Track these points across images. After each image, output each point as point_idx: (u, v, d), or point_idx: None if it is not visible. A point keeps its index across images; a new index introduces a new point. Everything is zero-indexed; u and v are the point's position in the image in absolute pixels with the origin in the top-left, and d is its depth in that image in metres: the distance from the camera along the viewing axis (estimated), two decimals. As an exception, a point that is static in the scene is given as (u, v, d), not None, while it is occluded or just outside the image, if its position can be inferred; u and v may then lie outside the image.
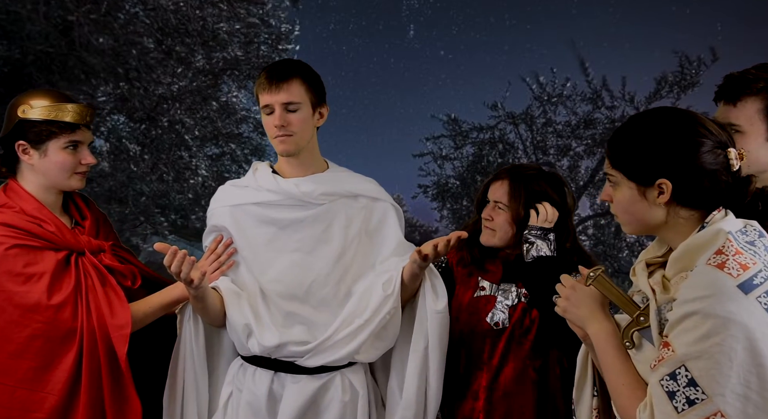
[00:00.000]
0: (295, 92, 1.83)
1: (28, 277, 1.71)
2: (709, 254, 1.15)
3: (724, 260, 1.13)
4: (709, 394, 1.07)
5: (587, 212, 9.21)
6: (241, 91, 9.07)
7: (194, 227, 9.60)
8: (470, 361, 1.94)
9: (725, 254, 1.13)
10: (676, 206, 1.24)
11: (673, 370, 1.10)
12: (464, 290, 2.00)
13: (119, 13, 6.86)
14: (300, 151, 1.91)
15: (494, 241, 1.97)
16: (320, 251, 1.90)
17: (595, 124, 8.83)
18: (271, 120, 1.84)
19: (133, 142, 8.20)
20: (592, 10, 4.64)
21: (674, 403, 1.09)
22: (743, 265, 1.12)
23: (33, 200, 1.83)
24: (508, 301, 1.94)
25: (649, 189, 1.24)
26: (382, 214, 1.98)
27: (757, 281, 1.11)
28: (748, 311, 1.08)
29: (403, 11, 4.67)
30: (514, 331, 1.91)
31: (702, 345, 1.08)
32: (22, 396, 1.68)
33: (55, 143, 1.81)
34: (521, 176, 1.97)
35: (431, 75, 4.17)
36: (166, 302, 1.89)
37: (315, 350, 1.83)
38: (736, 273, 1.11)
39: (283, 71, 1.84)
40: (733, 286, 1.10)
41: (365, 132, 4.06)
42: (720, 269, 1.12)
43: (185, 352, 1.91)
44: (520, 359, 1.90)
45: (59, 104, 1.81)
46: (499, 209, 1.96)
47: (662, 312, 1.20)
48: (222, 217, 1.94)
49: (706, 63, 8.32)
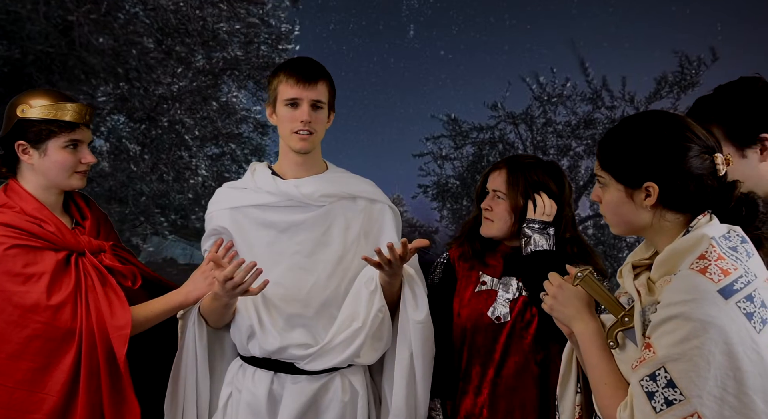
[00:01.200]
0: (322, 92, 1.92)
1: (28, 277, 1.71)
2: (692, 258, 1.20)
3: (706, 265, 1.18)
4: (687, 395, 1.12)
5: (587, 212, 9.19)
6: (241, 91, 9.04)
7: (194, 227, 9.59)
8: (472, 356, 1.95)
9: (708, 259, 1.18)
10: (662, 210, 1.29)
11: (653, 371, 1.16)
12: (466, 285, 2.02)
13: (119, 13, 6.84)
14: (311, 151, 1.91)
15: (494, 231, 1.97)
16: (320, 254, 1.91)
17: (595, 124, 8.80)
18: (296, 115, 1.88)
19: (133, 142, 8.18)
20: (592, 10, 4.62)
21: (653, 403, 1.15)
22: (724, 270, 1.17)
23: (33, 200, 1.82)
24: (509, 295, 1.95)
25: (637, 192, 1.29)
26: (380, 216, 1.98)
27: (737, 287, 1.16)
28: (727, 316, 1.13)
29: (403, 11, 4.65)
30: (515, 325, 1.92)
31: (681, 348, 1.13)
32: (21, 396, 1.68)
33: (54, 143, 1.81)
34: (519, 165, 1.99)
35: (431, 75, 4.17)
36: (167, 308, 1.90)
37: (314, 355, 1.83)
38: (717, 278, 1.16)
39: (315, 70, 1.92)
40: (714, 291, 1.15)
41: (365, 132, 4.07)
42: (702, 273, 1.16)
43: (188, 355, 1.91)
44: (522, 353, 1.91)
45: (58, 103, 1.81)
46: (498, 199, 1.96)
47: (646, 314, 1.25)
48: (222, 219, 1.94)
49: (706, 63, 8.29)
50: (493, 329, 1.94)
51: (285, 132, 1.89)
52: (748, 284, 1.16)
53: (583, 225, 10.43)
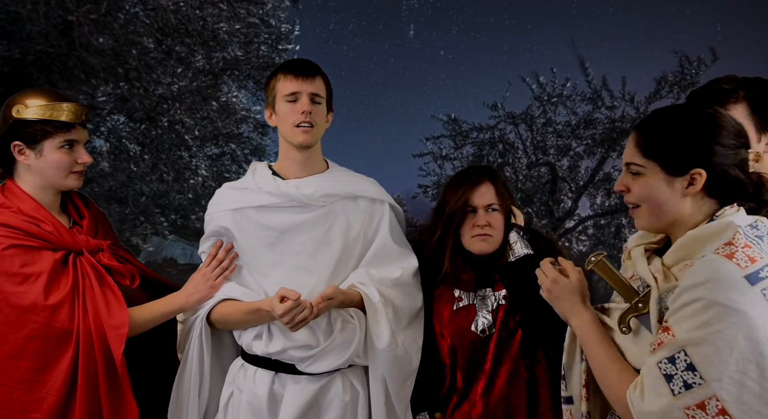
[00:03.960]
0: (320, 87, 1.90)
1: (26, 277, 1.70)
2: (717, 244, 1.18)
3: (733, 251, 1.16)
4: (707, 379, 1.10)
5: (587, 212, 9.20)
6: (241, 91, 9.06)
7: (194, 227, 9.59)
8: (464, 371, 1.93)
9: (735, 246, 1.16)
10: (703, 198, 1.27)
11: (673, 354, 1.14)
12: (443, 305, 1.96)
13: (119, 13, 6.85)
14: (312, 145, 1.91)
15: (494, 246, 1.95)
16: (322, 254, 1.90)
17: (595, 124, 8.82)
18: (297, 107, 1.86)
19: (133, 142, 8.20)
20: (592, 10, 4.63)
21: (671, 386, 1.13)
22: (751, 258, 1.15)
23: (30, 200, 1.82)
24: (488, 306, 1.94)
25: (678, 180, 1.26)
26: (379, 216, 1.97)
27: (764, 275, 1.13)
28: (751, 301, 1.11)
29: (403, 11, 4.66)
30: (501, 335, 1.91)
31: (704, 331, 1.11)
32: (20, 396, 1.67)
33: (50, 143, 1.80)
34: (494, 174, 1.99)
35: (431, 75, 4.17)
36: (167, 311, 1.88)
37: (314, 357, 1.83)
38: (744, 264, 1.14)
39: (312, 67, 1.91)
40: (741, 276, 1.12)
41: (365, 132, 4.07)
42: (729, 259, 1.15)
43: (193, 361, 1.89)
44: (511, 360, 1.90)
45: (54, 103, 1.80)
46: (493, 212, 1.95)
47: (663, 301, 1.23)
48: (224, 220, 1.93)
49: (706, 63, 8.32)
50: (480, 342, 1.91)
51: (286, 127, 1.90)
52: None
53: (584, 225, 10.35)
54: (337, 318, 1.86)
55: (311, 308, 1.73)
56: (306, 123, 1.86)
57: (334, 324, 1.85)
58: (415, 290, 1.95)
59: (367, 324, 1.86)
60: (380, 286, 1.87)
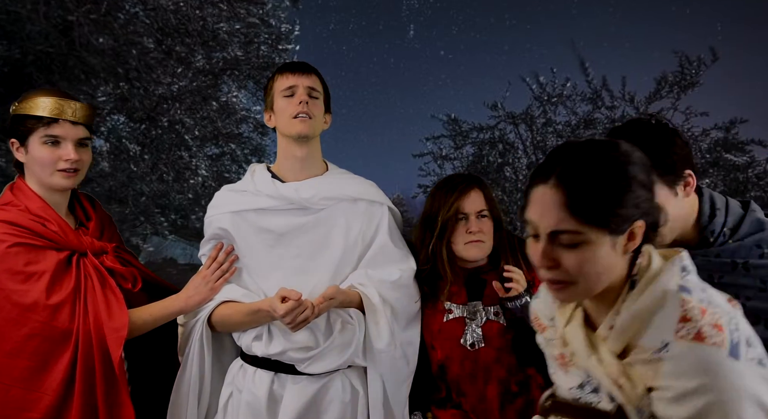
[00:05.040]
0: (317, 82, 1.95)
1: (29, 276, 1.70)
2: (671, 324, 1.05)
3: (698, 329, 1.02)
4: None
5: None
6: (241, 91, 9.06)
7: (194, 227, 9.60)
8: (456, 384, 1.93)
9: (693, 321, 1.03)
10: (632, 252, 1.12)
11: None
12: (433, 316, 1.97)
13: (119, 13, 6.85)
14: (311, 138, 1.91)
15: (486, 251, 1.96)
16: (321, 256, 1.90)
17: (595, 124, 8.82)
18: (293, 100, 1.89)
19: (133, 142, 8.20)
20: (592, 10, 4.63)
21: None
22: (717, 325, 1.03)
23: (38, 199, 1.81)
24: (478, 320, 1.94)
25: (620, 238, 1.10)
26: (378, 218, 1.98)
27: (736, 338, 1.03)
28: (746, 374, 1.01)
29: (403, 11, 4.65)
30: (490, 349, 1.91)
31: None
32: (18, 394, 1.67)
33: (33, 138, 1.79)
34: (480, 181, 2.01)
35: (431, 75, 4.14)
36: (167, 313, 1.88)
37: (314, 358, 1.83)
38: (720, 339, 1.01)
39: (307, 65, 1.96)
40: (725, 357, 1.00)
41: (365, 132, 4.03)
42: (701, 342, 1.02)
43: (193, 364, 1.89)
44: (502, 375, 1.90)
45: (35, 98, 1.79)
46: (483, 218, 1.96)
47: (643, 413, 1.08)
48: (223, 222, 1.93)
49: (706, 63, 8.32)
50: (471, 356, 1.92)
51: (284, 121, 1.91)
52: (737, 328, 1.05)
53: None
54: (336, 319, 1.86)
55: (312, 308, 1.73)
56: (303, 113, 1.88)
57: (333, 324, 1.86)
58: (413, 292, 1.96)
59: (366, 325, 1.87)
60: (379, 287, 1.88)
